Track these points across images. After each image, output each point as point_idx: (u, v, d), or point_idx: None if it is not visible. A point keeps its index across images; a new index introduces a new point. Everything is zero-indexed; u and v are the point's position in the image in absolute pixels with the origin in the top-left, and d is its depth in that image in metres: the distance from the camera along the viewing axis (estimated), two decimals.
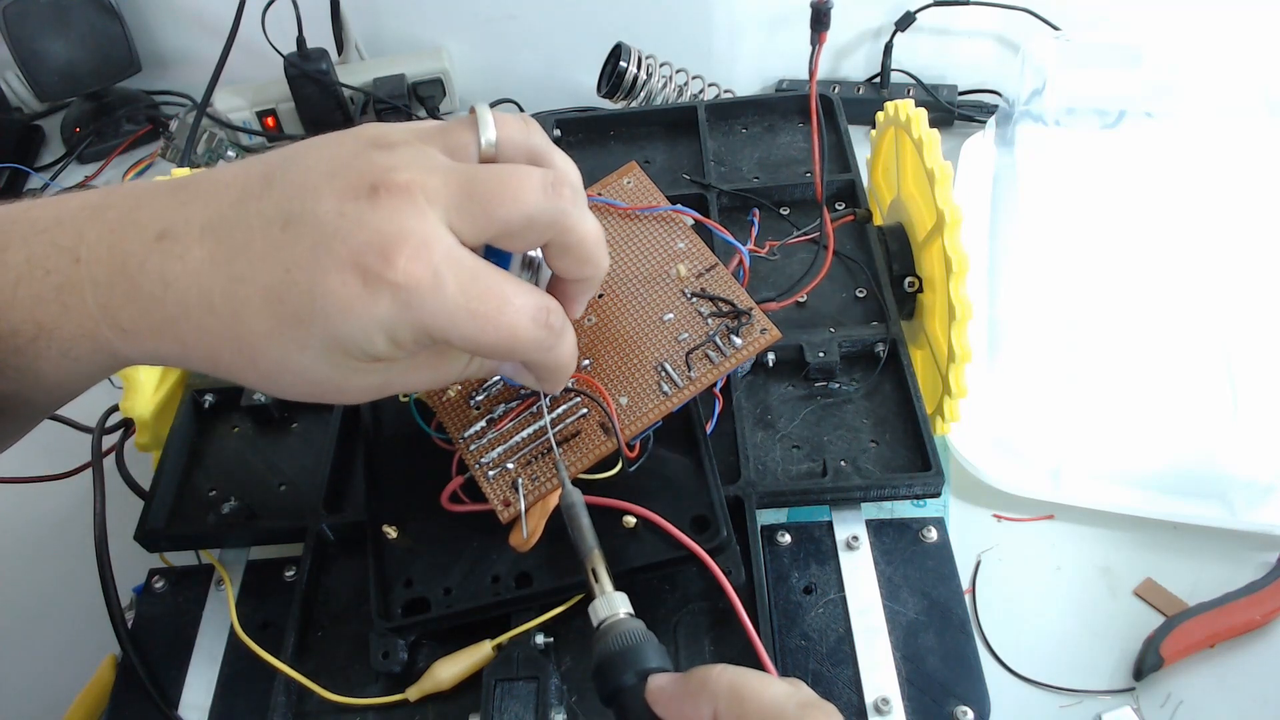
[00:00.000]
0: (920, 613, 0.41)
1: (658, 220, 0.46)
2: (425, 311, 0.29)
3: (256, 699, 0.40)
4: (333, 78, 0.84)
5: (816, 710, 0.28)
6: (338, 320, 0.29)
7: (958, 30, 0.81)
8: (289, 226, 0.29)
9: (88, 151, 0.91)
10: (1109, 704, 0.46)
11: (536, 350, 0.32)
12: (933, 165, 0.46)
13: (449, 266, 0.29)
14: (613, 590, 0.34)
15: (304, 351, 0.30)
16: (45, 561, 0.58)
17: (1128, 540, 0.52)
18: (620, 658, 0.32)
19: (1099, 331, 0.57)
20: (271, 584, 0.45)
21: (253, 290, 0.29)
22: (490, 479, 0.40)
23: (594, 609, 0.34)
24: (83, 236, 0.30)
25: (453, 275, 0.29)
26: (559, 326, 0.33)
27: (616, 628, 0.33)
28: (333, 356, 0.30)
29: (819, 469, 0.44)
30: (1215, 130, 0.66)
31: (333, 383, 0.31)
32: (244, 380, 0.32)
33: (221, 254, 0.29)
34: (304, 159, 0.31)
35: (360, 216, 0.29)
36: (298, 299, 0.29)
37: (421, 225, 0.29)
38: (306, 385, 0.31)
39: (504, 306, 0.30)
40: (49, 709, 0.47)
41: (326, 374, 0.31)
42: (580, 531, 0.36)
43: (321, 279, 0.28)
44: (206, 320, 0.29)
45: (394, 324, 0.29)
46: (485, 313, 0.30)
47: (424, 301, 0.29)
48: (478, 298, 0.30)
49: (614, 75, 0.75)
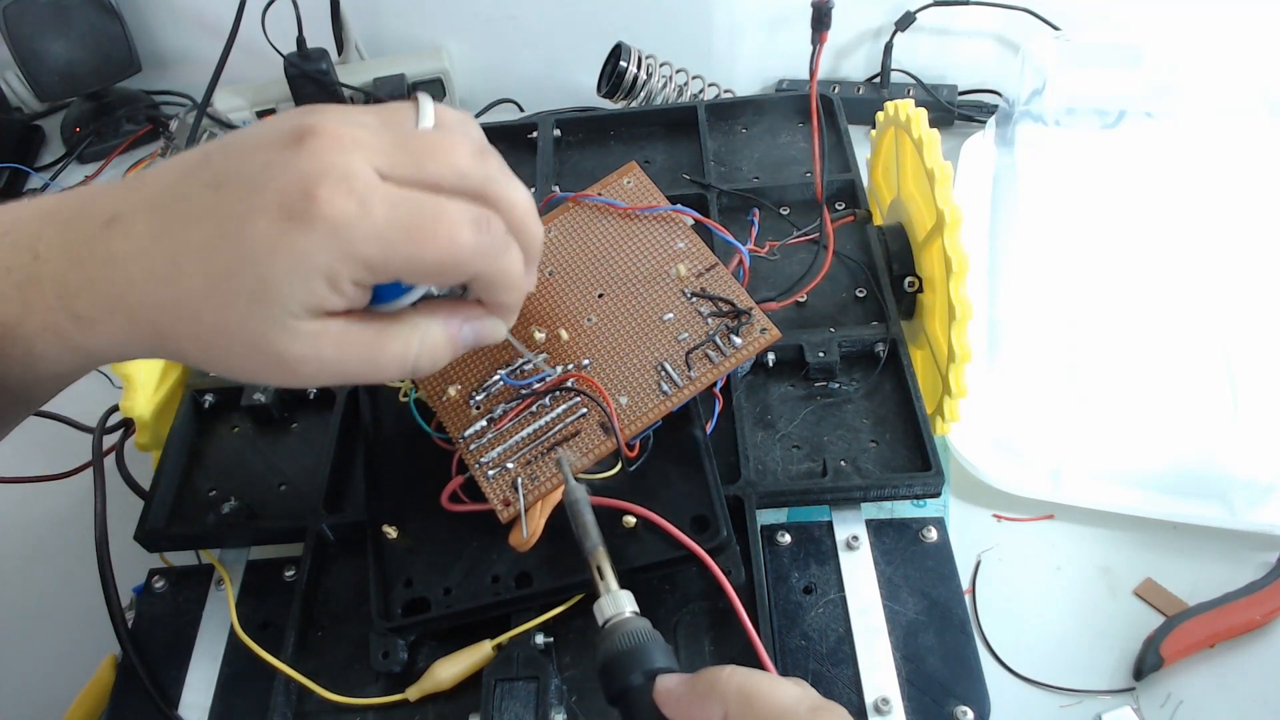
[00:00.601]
0: (920, 613, 0.41)
1: (658, 220, 0.46)
2: (356, 239, 0.29)
3: (256, 699, 0.40)
4: (333, 78, 0.84)
5: (827, 713, 0.28)
6: (266, 263, 0.29)
7: (958, 30, 0.81)
8: (221, 187, 0.30)
9: (88, 151, 0.91)
10: (1109, 704, 0.46)
11: (482, 259, 0.31)
12: (933, 165, 0.46)
13: (374, 192, 0.29)
14: (618, 588, 0.34)
15: (238, 306, 0.29)
16: (45, 561, 0.58)
17: (1128, 540, 0.52)
18: (627, 657, 0.31)
19: (1099, 331, 0.57)
20: (271, 584, 0.45)
21: (189, 252, 0.29)
22: (490, 479, 0.40)
23: (599, 607, 0.34)
24: (40, 235, 0.30)
25: (379, 199, 0.29)
26: (502, 233, 0.32)
27: (622, 626, 0.33)
28: (268, 309, 0.29)
29: (819, 469, 0.44)
30: (1215, 130, 0.65)
31: (270, 348, 0.30)
32: (188, 354, 0.31)
33: (162, 225, 0.30)
34: (241, 133, 0.31)
35: (285, 163, 0.29)
36: (227, 250, 0.29)
37: (345, 160, 0.29)
38: (245, 354, 0.31)
39: (439, 218, 0.30)
40: (49, 709, 0.47)
41: (261, 334, 0.30)
42: (584, 528, 0.36)
43: (249, 226, 0.29)
44: (150, 290, 0.30)
45: (328, 260, 0.29)
46: (420, 225, 0.30)
47: (353, 229, 0.29)
48: (410, 214, 0.29)
49: (614, 75, 0.75)
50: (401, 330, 0.33)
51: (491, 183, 0.32)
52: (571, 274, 0.45)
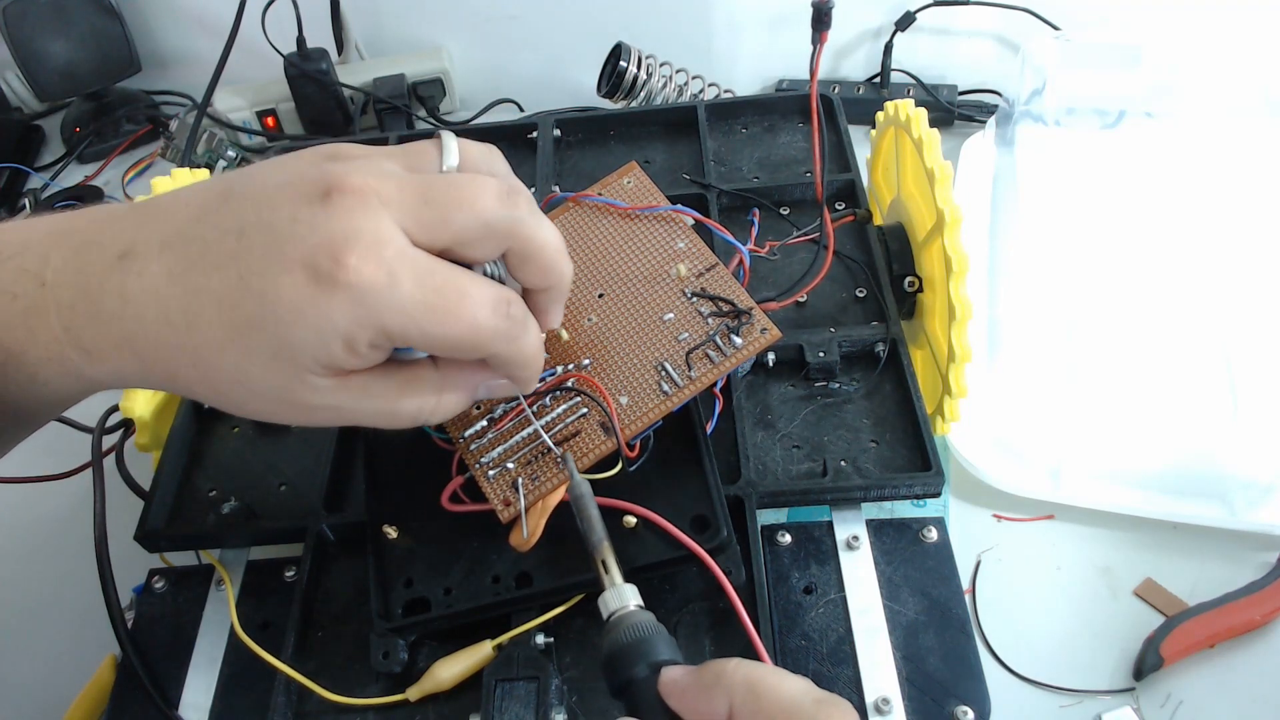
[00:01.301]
0: (920, 613, 0.41)
1: (658, 220, 0.46)
2: (380, 309, 0.29)
3: (256, 699, 0.40)
4: (333, 78, 0.84)
5: (833, 707, 0.28)
6: (289, 323, 0.29)
7: (958, 30, 0.81)
8: (243, 236, 0.29)
9: (88, 151, 0.91)
10: (1109, 704, 0.46)
11: (500, 341, 0.32)
12: (933, 165, 0.46)
13: (402, 263, 0.29)
14: (623, 582, 0.34)
15: (257, 361, 0.29)
16: (45, 561, 0.58)
17: (1128, 540, 0.52)
18: (632, 649, 0.31)
19: (1099, 331, 0.57)
20: (271, 584, 0.45)
21: (207, 300, 0.29)
22: (490, 479, 0.40)
23: (604, 601, 0.34)
24: (48, 260, 0.30)
25: (407, 272, 0.29)
26: (521, 317, 0.33)
27: (627, 619, 0.33)
28: (287, 366, 0.30)
29: (819, 469, 0.44)
30: (1215, 130, 0.66)
31: (288, 398, 0.31)
32: (201, 396, 0.31)
33: (179, 267, 0.29)
34: (262, 173, 0.31)
35: (313, 220, 0.29)
36: (250, 304, 0.29)
37: (374, 225, 0.29)
38: (261, 401, 0.31)
39: (462, 299, 0.30)
40: (49, 709, 0.47)
41: (281, 386, 0.30)
42: (590, 523, 0.36)
43: (273, 283, 0.28)
44: (163, 333, 0.29)
45: (348, 325, 0.29)
46: (443, 306, 0.30)
47: (378, 299, 0.29)
48: (435, 291, 0.30)
49: (614, 75, 0.75)
50: (421, 389, 0.33)
51: (520, 224, 0.32)
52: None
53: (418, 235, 0.30)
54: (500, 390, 0.36)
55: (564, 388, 0.42)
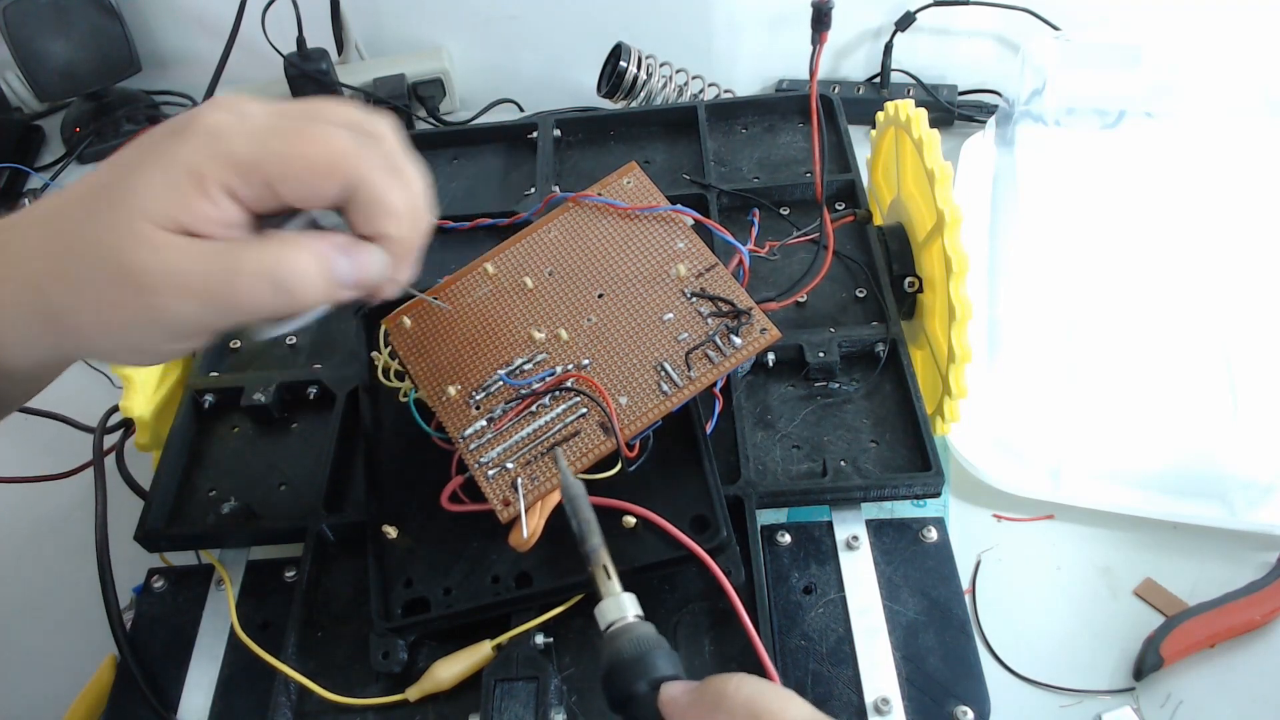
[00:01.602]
0: (920, 613, 0.41)
1: (658, 220, 0.46)
2: (230, 139, 0.29)
3: (256, 699, 0.40)
4: (333, 78, 0.84)
5: None
6: (134, 167, 0.29)
7: (958, 30, 0.81)
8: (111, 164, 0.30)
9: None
10: (1109, 704, 0.46)
11: (358, 164, 0.30)
12: (933, 165, 0.46)
13: (253, 105, 0.30)
14: (621, 591, 0.33)
15: (97, 216, 0.29)
16: (45, 561, 0.58)
17: (1128, 540, 0.52)
18: (632, 665, 0.30)
19: (1099, 331, 0.57)
20: (271, 584, 0.45)
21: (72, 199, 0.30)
22: (490, 479, 0.40)
23: (601, 610, 0.33)
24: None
25: (257, 109, 0.30)
26: (391, 150, 0.32)
27: (628, 632, 0.31)
28: (126, 215, 0.28)
29: (819, 469, 0.44)
30: (1215, 130, 0.66)
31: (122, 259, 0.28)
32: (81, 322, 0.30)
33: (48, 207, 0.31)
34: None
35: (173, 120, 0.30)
36: (108, 173, 0.30)
37: (233, 99, 0.30)
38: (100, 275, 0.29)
39: (314, 118, 0.30)
40: (49, 709, 0.47)
41: (117, 245, 0.28)
42: (586, 525, 0.34)
43: (133, 151, 0.30)
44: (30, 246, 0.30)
45: (194, 159, 0.29)
46: (295, 129, 0.30)
47: (227, 130, 0.29)
48: (285, 117, 0.30)
49: (614, 75, 0.75)
50: (262, 245, 0.30)
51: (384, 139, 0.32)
52: (571, 274, 0.45)
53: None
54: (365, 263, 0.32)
55: (563, 388, 0.42)
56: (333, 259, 0.31)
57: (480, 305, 0.45)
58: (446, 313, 0.45)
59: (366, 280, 0.32)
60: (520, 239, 0.47)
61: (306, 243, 0.31)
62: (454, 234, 0.57)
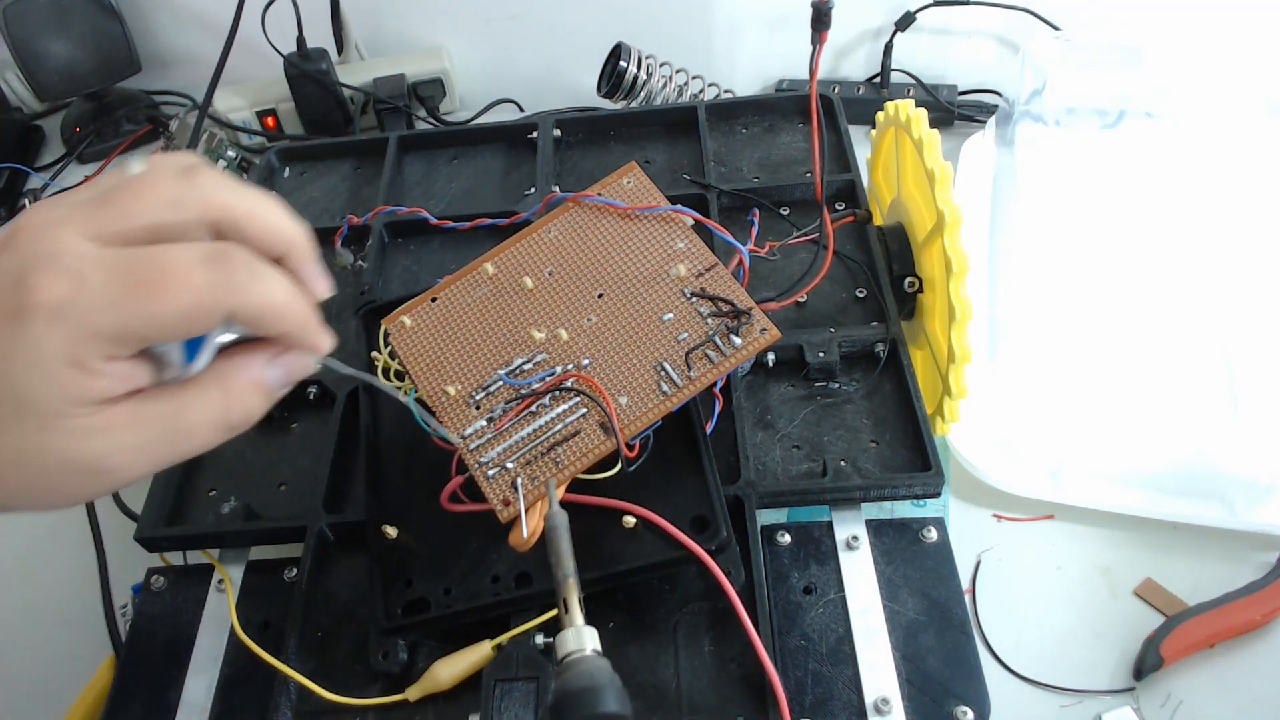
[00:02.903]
0: (920, 613, 0.41)
1: (657, 220, 0.46)
2: (82, 313, 0.26)
3: (256, 699, 0.40)
4: (333, 78, 0.84)
5: None
6: (8, 374, 0.27)
7: (958, 30, 0.81)
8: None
9: (88, 151, 0.91)
10: (1109, 704, 0.46)
11: (230, 295, 0.28)
12: (933, 165, 0.46)
13: (86, 263, 0.27)
14: (583, 624, 0.33)
15: (6, 429, 0.27)
16: (45, 561, 0.58)
17: (1128, 540, 0.52)
18: (579, 696, 0.31)
19: (1099, 331, 0.57)
20: (271, 584, 0.45)
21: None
22: (490, 478, 0.40)
23: (561, 640, 0.33)
24: None
25: (93, 269, 0.27)
26: (244, 261, 0.29)
27: (582, 664, 0.32)
28: (38, 419, 0.27)
29: (819, 469, 0.44)
30: (1215, 130, 0.65)
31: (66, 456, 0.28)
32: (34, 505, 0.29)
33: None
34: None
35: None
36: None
37: (50, 244, 0.27)
38: (44, 472, 0.28)
39: (163, 268, 0.27)
40: (49, 709, 0.47)
41: (50, 446, 0.27)
42: (559, 556, 0.35)
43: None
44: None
45: (61, 344, 0.27)
46: (143, 283, 0.27)
47: (73, 305, 0.26)
48: (128, 273, 0.27)
49: (614, 75, 0.75)
50: (201, 390, 0.30)
51: (211, 195, 0.29)
52: (571, 274, 0.45)
53: (103, 234, 0.28)
54: (293, 365, 0.32)
55: (563, 388, 0.42)
56: (268, 378, 0.32)
57: (480, 305, 0.45)
58: (446, 313, 0.45)
59: (299, 376, 0.33)
60: (520, 239, 0.47)
61: (242, 376, 0.31)
62: (454, 234, 0.57)
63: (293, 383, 0.33)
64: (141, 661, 0.43)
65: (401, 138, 0.63)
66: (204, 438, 0.31)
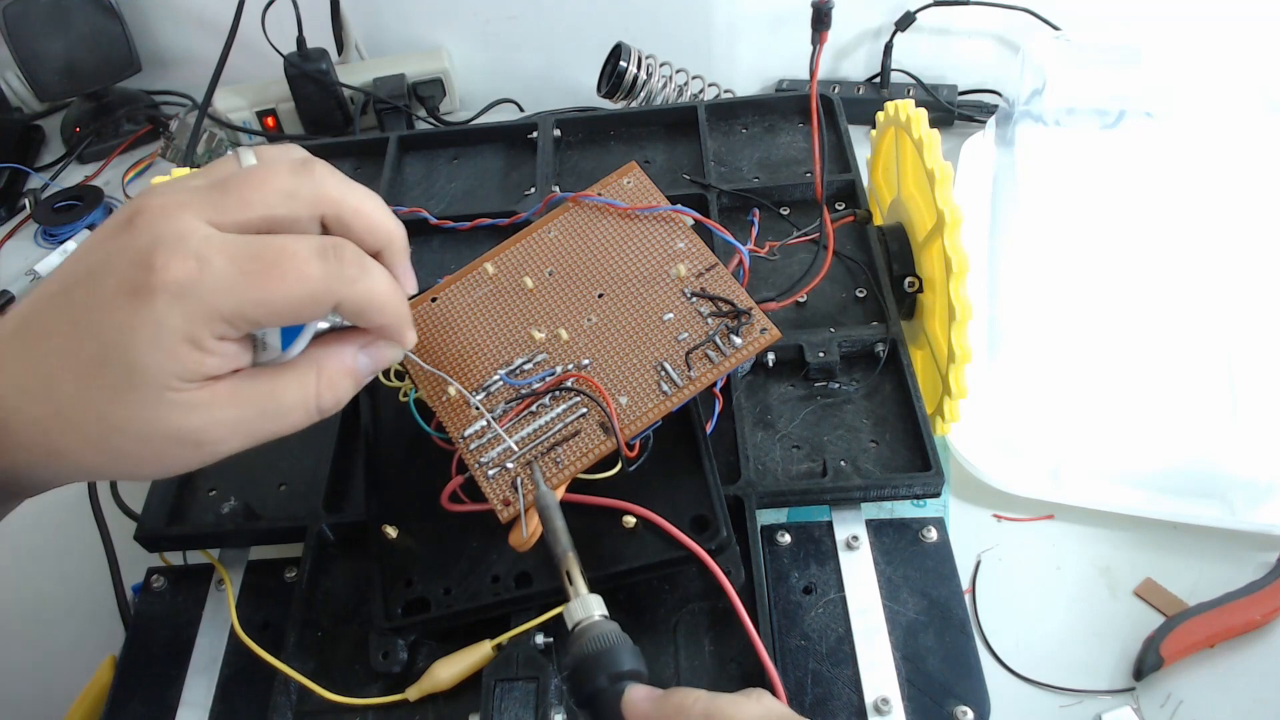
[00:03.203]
0: (920, 613, 0.41)
1: (657, 220, 0.46)
2: (204, 295, 0.28)
3: (256, 699, 0.40)
4: (333, 78, 0.84)
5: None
6: (126, 345, 0.28)
7: (958, 30, 0.81)
8: (68, 291, 0.30)
9: (88, 151, 0.91)
10: (1109, 704, 0.46)
11: (340, 284, 0.30)
12: (933, 165, 0.46)
13: (209, 247, 0.29)
14: (587, 593, 0.34)
15: (117, 397, 0.29)
16: (46, 561, 0.58)
17: (1128, 540, 0.52)
18: (595, 660, 0.32)
19: (1099, 332, 0.57)
20: (271, 584, 0.45)
21: (53, 358, 0.29)
22: (490, 478, 0.40)
23: (569, 611, 0.34)
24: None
25: (216, 252, 0.29)
26: (354, 257, 0.31)
27: (591, 630, 0.33)
28: (145, 391, 0.29)
29: (819, 469, 0.44)
30: (1215, 130, 0.66)
31: (169, 427, 0.30)
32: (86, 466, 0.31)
33: (28, 344, 0.30)
34: (84, 240, 0.31)
35: (120, 246, 0.29)
36: (89, 344, 0.29)
37: (174, 226, 0.29)
38: (145, 441, 0.30)
39: (281, 254, 0.29)
40: (49, 709, 0.47)
41: (155, 417, 0.29)
42: (554, 533, 0.36)
43: (101, 315, 0.29)
44: (29, 408, 0.29)
45: (181, 323, 0.28)
46: (264, 268, 0.29)
47: (198, 286, 0.28)
48: (251, 259, 0.29)
49: (614, 75, 0.75)
50: (297, 373, 0.32)
51: (324, 190, 0.31)
52: (571, 274, 0.45)
53: (223, 222, 0.30)
54: (380, 355, 0.35)
55: (563, 387, 0.42)
56: (359, 366, 0.34)
57: (480, 305, 0.45)
58: (446, 312, 0.45)
59: (385, 365, 0.36)
60: (520, 239, 0.47)
61: (332, 356, 0.33)
62: (454, 234, 0.57)
63: (378, 371, 0.35)
64: (141, 661, 0.43)
65: (401, 138, 0.63)
66: (295, 419, 0.33)
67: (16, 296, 0.77)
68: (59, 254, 0.80)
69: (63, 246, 0.81)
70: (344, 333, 0.34)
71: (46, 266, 0.79)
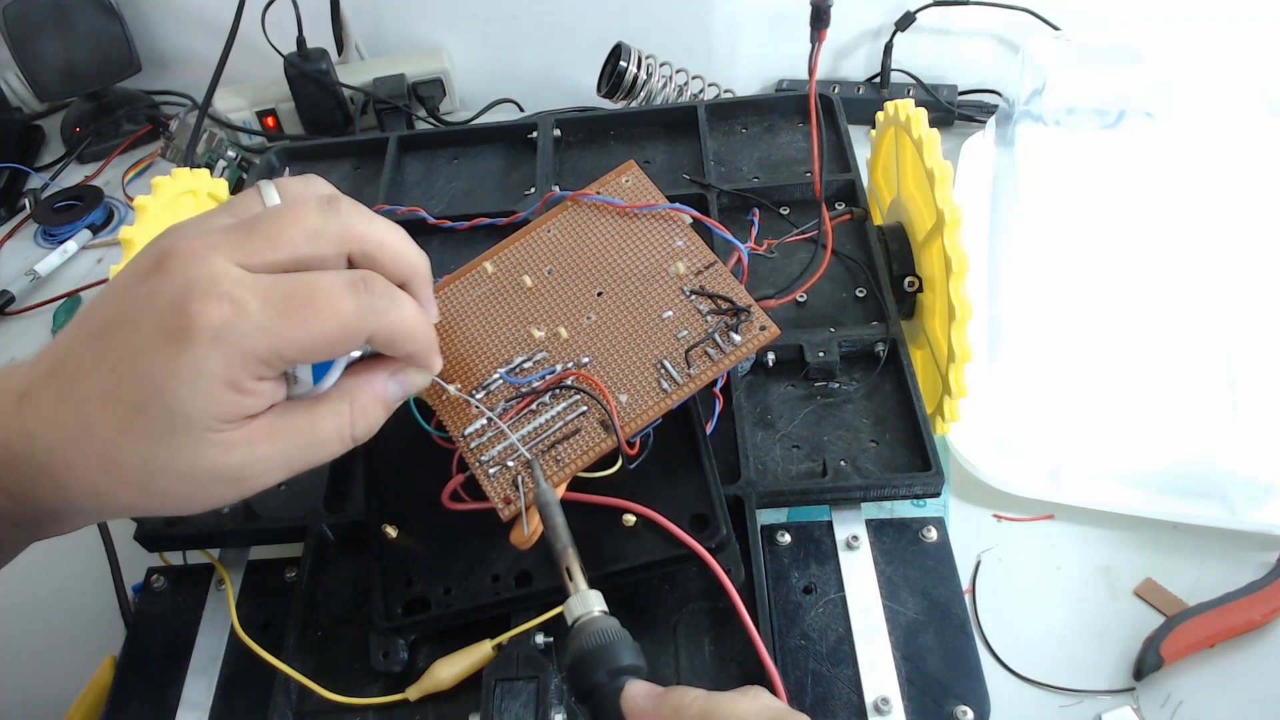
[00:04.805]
0: (920, 613, 0.41)
1: (656, 218, 0.46)
2: (240, 338, 0.29)
3: (256, 699, 0.40)
4: (333, 78, 0.84)
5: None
6: (168, 390, 0.29)
7: (958, 30, 0.81)
8: (105, 334, 0.30)
9: (88, 151, 0.91)
10: (1109, 704, 0.46)
11: (372, 317, 0.31)
12: (933, 165, 0.46)
13: (242, 290, 0.29)
14: (587, 588, 0.34)
15: (159, 441, 0.29)
16: (45, 562, 0.58)
17: (1128, 540, 0.52)
18: (594, 655, 0.32)
19: (1098, 331, 0.57)
20: (271, 584, 0.45)
21: (93, 403, 0.30)
22: (491, 477, 0.40)
23: (568, 607, 0.34)
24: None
25: (249, 295, 0.29)
26: (383, 289, 0.32)
27: (591, 625, 0.33)
28: (188, 433, 0.30)
29: (819, 469, 0.44)
30: (1215, 130, 0.66)
31: (210, 468, 0.30)
32: (128, 505, 0.31)
33: (64, 388, 0.30)
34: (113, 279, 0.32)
35: (153, 290, 0.29)
36: (128, 389, 0.29)
37: (206, 269, 0.29)
38: (187, 480, 0.30)
39: (314, 293, 0.30)
40: (49, 709, 0.47)
41: (195, 458, 0.30)
42: (554, 530, 0.36)
43: (139, 361, 0.29)
44: (69, 452, 0.30)
45: (220, 367, 0.29)
46: (298, 308, 0.30)
47: (233, 329, 0.29)
48: (284, 298, 0.30)
49: (614, 75, 0.75)
50: (331, 405, 0.33)
51: (349, 228, 0.32)
52: (570, 272, 0.45)
53: (252, 264, 0.30)
54: (409, 381, 0.36)
55: (563, 386, 0.42)
56: (389, 393, 0.35)
57: (480, 304, 0.45)
58: (446, 311, 0.45)
59: (414, 391, 0.37)
60: (519, 238, 0.47)
61: (367, 391, 0.34)
62: (454, 234, 0.57)
63: (407, 397, 0.36)
64: (141, 661, 0.43)
65: (401, 138, 0.63)
66: (331, 449, 0.34)
67: (16, 297, 0.77)
68: (59, 254, 0.80)
69: (63, 246, 0.81)
70: (373, 361, 0.35)
71: (46, 266, 0.79)
